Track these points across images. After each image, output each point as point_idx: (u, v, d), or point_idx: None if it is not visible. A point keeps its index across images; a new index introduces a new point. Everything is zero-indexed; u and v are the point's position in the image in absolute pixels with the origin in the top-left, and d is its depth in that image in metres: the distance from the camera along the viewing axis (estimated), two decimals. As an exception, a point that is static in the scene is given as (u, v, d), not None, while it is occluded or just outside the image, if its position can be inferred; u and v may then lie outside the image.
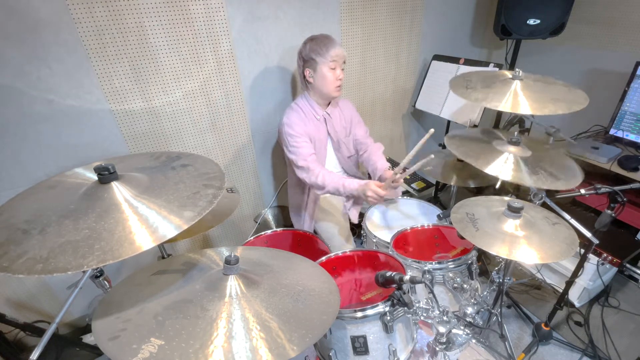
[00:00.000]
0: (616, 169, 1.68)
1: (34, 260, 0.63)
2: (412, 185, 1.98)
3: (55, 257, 0.63)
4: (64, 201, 0.77)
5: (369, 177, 1.86)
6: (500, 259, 1.22)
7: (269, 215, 2.04)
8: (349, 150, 1.76)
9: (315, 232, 1.72)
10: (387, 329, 0.99)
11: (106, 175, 0.78)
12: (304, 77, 1.54)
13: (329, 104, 1.63)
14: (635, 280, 1.87)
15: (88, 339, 1.67)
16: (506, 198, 1.21)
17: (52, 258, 0.63)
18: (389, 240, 1.41)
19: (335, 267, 1.30)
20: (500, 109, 1.19)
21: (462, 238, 1.08)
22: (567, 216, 1.18)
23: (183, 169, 0.90)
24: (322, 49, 1.45)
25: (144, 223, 0.71)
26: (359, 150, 1.78)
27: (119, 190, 0.77)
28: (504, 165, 1.20)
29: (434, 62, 2.18)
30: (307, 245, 1.57)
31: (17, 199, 0.82)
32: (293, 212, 1.84)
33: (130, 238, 0.67)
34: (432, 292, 0.96)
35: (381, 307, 0.98)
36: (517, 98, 1.21)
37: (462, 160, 1.65)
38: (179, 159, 0.96)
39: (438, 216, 1.55)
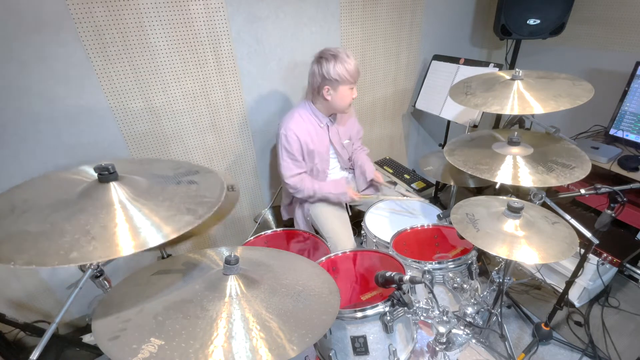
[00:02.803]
0: (616, 169, 1.68)
1: None
2: (412, 185, 1.97)
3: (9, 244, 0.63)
4: (61, 192, 0.79)
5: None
6: (500, 259, 1.22)
7: (269, 215, 2.04)
8: (349, 153, 1.83)
9: (316, 231, 1.72)
10: (387, 329, 0.99)
11: (106, 175, 0.77)
12: (319, 92, 1.53)
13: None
14: (635, 280, 1.87)
15: (88, 339, 1.67)
16: (506, 198, 1.21)
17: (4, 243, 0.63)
18: (389, 240, 1.41)
19: (335, 267, 1.30)
20: (504, 112, 1.17)
21: (462, 238, 1.08)
22: (568, 216, 1.18)
23: (187, 186, 0.86)
24: (347, 74, 1.46)
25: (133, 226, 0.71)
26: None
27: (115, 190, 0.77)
28: (524, 170, 1.16)
29: (434, 62, 2.18)
30: (307, 245, 1.57)
31: (40, 179, 0.88)
32: (285, 209, 1.90)
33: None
34: (432, 292, 0.96)
35: (381, 307, 0.99)
36: (522, 99, 1.19)
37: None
38: (196, 174, 0.92)
39: (438, 216, 1.55)
